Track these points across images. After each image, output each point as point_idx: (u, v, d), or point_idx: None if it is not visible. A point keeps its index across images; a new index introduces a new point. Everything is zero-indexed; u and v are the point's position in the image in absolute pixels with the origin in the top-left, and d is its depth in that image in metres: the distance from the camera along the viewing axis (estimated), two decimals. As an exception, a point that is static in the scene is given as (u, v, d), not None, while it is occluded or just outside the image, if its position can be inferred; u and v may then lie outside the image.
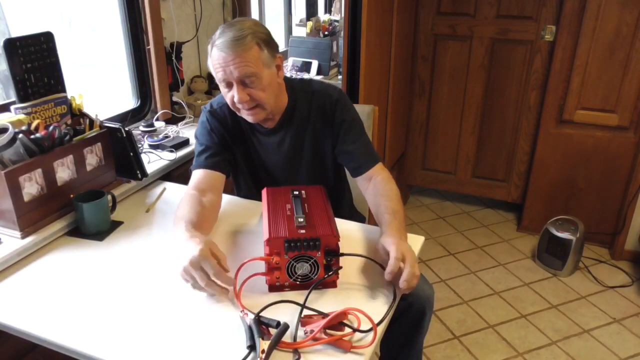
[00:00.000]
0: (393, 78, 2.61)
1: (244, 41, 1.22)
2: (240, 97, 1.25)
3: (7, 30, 1.69)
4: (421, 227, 2.93)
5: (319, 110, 1.40)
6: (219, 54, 1.23)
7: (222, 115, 1.42)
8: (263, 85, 1.26)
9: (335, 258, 1.05)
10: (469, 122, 2.94)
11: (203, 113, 1.44)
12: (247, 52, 1.22)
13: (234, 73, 1.23)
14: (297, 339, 0.94)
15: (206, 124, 1.42)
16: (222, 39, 1.23)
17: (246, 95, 1.25)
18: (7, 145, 1.21)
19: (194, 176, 1.36)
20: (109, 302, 1.06)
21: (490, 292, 2.39)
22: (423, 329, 1.43)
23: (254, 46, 1.23)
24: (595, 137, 2.56)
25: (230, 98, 1.28)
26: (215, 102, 1.45)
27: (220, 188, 1.37)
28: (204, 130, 1.42)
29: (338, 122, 1.39)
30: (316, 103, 1.40)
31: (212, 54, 1.25)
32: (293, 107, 1.40)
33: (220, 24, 2.42)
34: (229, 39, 1.22)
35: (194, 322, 1.00)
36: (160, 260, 1.20)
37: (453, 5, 2.74)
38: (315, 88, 1.42)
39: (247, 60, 1.22)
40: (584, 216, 2.61)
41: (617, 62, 2.40)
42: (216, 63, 1.24)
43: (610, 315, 2.23)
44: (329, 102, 1.39)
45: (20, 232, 1.23)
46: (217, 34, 1.26)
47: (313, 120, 1.41)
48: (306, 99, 1.41)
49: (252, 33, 1.23)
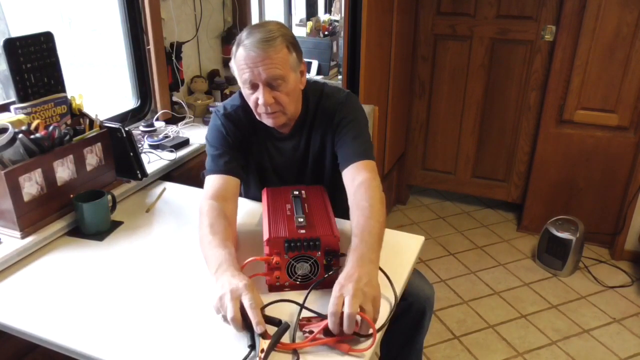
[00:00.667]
0: (393, 78, 2.61)
1: (274, 42, 1.19)
2: (265, 100, 1.21)
3: (7, 30, 1.69)
4: (421, 227, 2.93)
5: (326, 112, 1.37)
6: (247, 53, 1.19)
7: (237, 118, 1.37)
8: (288, 89, 1.24)
9: (335, 258, 1.05)
10: (469, 122, 2.94)
11: (216, 116, 1.38)
12: (277, 53, 1.19)
13: (262, 74, 1.19)
14: (296, 339, 0.94)
15: (221, 128, 1.36)
16: (250, 39, 1.19)
17: (271, 98, 1.22)
18: (7, 145, 1.21)
19: (212, 182, 1.28)
20: (109, 302, 1.06)
21: (490, 292, 2.39)
22: (423, 329, 1.43)
23: (284, 48, 1.21)
24: (595, 137, 2.56)
25: (255, 100, 1.25)
26: (228, 104, 1.40)
27: (237, 194, 1.31)
28: (219, 134, 1.36)
29: (337, 122, 1.35)
30: (323, 105, 1.38)
31: (238, 54, 1.22)
32: (306, 112, 1.38)
33: (220, 24, 2.44)
34: (259, 39, 1.19)
35: (194, 321, 1.00)
36: (160, 261, 1.20)
37: (453, 5, 2.74)
38: (325, 91, 1.39)
39: (277, 62, 1.19)
40: (584, 216, 2.61)
41: (617, 62, 2.40)
42: (242, 63, 1.21)
43: (610, 315, 2.23)
44: (335, 104, 1.36)
45: (20, 232, 1.23)
46: (243, 35, 1.22)
47: (320, 121, 1.38)
48: (316, 102, 1.38)
49: (282, 35, 1.21)
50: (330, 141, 1.38)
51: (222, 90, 2.31)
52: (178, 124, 2.06)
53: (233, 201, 1.27)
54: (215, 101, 2.25)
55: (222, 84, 2.32)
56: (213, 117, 1.40)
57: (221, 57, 2.47)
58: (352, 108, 1.37)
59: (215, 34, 2.41)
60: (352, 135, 1.32)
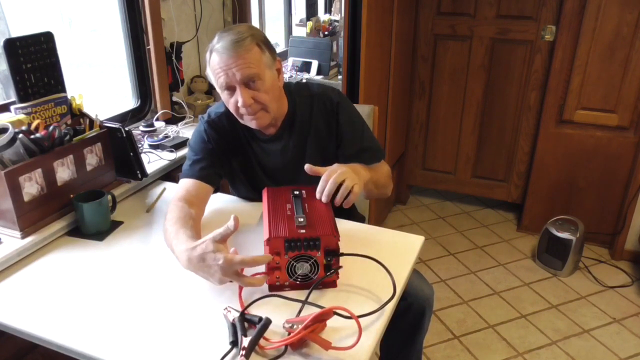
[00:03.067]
0: (393, 78, 2.61)
1: (244, 42, 1.20)
2: (244, 100, 1.22)
3: (7, 30, 1.69)
4: (421, 227, 2.93)
5: (321, 114, 1.39)
6: (220, 57, 1.21)
7: (221, 125, 1.39)
8: (266, 87, 1.24)
9: (335, 258, 1.05)
10: (469, 122, 2.94)
11: (201, 122, 1.40)
12: (248, 52, 1.20)
13: (236, 75, 1.20)
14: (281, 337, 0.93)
15: (203, 134, 1.38)
16: (221, 42, 1.21)
17: (250, 98, 1.23)
18: (7, 145, 1.21)
19: (184, 185, 1.31)
20: (109, 302, 1.06)
21: (490, 292, 2.39)
22: (423, 329, 1.43)
23: (254, 47, 1.22)
24: (595, 137, 2.56)
25: (234, 103, 1.25)
26: (212, 111, 1.41)
27: (206, 201, 1.34)
28: (200, 139, 1.38)
29: (342, 125, 1.38)
30: (317, 107, 1.39)
31: (212, 60, 1.23)
32: (293, 112, 1.39)
33: (220, 24, 2.44)
34: (229, 41, 1.20)
35: (194, 321, 1.00)
36: (160, 261, 1.20)
37: (453, 5, 2.74)
38: (314, 91, 1.41)
39: (250, 61, 1.20)
40: (584, 216, 2.61)
41: (617, 62, 2.40)
42: (217, 67, 1.22)
43: (610, 315, 2.23)
44: (330, 105, 1.38)
45: (20, 232, 1.23)
46: (214, 40, 1.24)
47: (315, 124, 1.39)
48: (306, 102, 1.39)
49: (251, 35, 1.22)
50: (334, 141, 1.41)
51: (222, 90, 2.31)
52: (178, 124, 2.06)
53: (200, 207, 1.29)
54: (215, 101, 2.25)
55: (222, 84, 2.32)
56: (199, 122, 1.41)
57: (221, 57, 2.47)
58: (349, 107, 1.42)
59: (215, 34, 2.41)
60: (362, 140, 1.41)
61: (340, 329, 0.95)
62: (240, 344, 0.89)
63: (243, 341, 0.89)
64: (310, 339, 0.90)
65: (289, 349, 0.91)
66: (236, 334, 0.92)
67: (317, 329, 0.91)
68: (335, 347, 0.90)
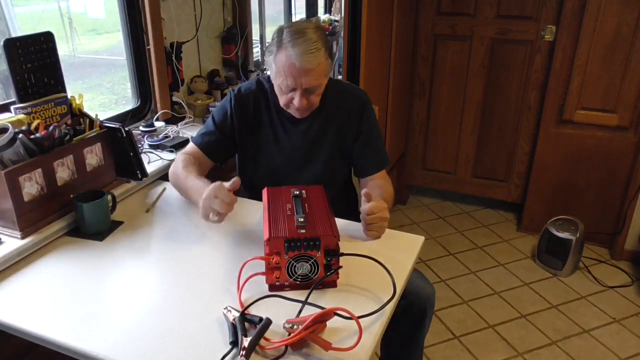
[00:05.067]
0: (393, 78, 2.61)
1: (318, 54, 1.28)
2: (301, 104, 1.33)
3: (7, 30, 1.69)
4: (421, 227, 2.93)
5: (348, 109, 1.48)
6: (292, 62, 1.27)
7: (247, 102, 1.48)
8: (320, 92, 1.37)
9: (335, 258, 1.05)
10: (469, 122, 2.94)
11: (230, 94, 1.49)
12: (319, 65, 1.29)
13: (303, 84, 1.30)
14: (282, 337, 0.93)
15: (227, 105, 1.48)
16: (295, 49, 1.26)
17: (306, 101, 1.34)
18: (7, 145, 1.21)
19: (191, 149, 1.48)
20: (109, 302, 1.06)
21: (490, 292, 2.39)
22: (424, 328, 1.43)
23: (325, 60, 1.31)
24: (595, 137, 2.56)
25: (289, 100, 1.35)
26: (244, 87, 1.50)
27: (205, 172, 1.46)
28: (223, 112, 1.48)
29: (364, 122, 1.49)
30: (346, 101, 1.49)
31: (281, 59, 1.29)
32: (324, 101, 1.46)
33: (220, 24, 2.44)
34: (304, 51, 1.26)
35: (194, 321, 1.00)
36: (160, 261, 1.20)
37: (453, 5, 2.74)
38: (346, 87, 1.53)
39: (319, 74, 1.31)
40: (584, 216, 2.61)
41: (617, 62, 2.40)
42: (286, 69, 1.28)
43: (610, 315, 2.23)
44: (358, 104, 1.49)
45: (20, 232, 1.23)
46: (286, 38, 1.28)
47: (341, 115, 1.48)
48: (338, 95, 1.48)
49: (324, 47, 1.30)
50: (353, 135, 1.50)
51: (222, 90, 2.31)
52: (178, 124, 2.06)
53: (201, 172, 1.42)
54: (216, 101, 2.25)
55: (222, 84, 2.32)
56: (228, 94, 1.51)
57: (221, 57, 2.47)
58: (373, 111, 1.52)
59: (215, 34, 2.41)
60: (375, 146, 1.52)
61: (340, 330, 0.95)
62: (241, 344, 0.90)
63: (243, 341, 0.89)
64: (311, 340, 0.91)
65: (289, 349, 0.91)
66: (236, 334, 0.92)
67: (318, 329, 0.92)
68: (335, 348, 0.90)
